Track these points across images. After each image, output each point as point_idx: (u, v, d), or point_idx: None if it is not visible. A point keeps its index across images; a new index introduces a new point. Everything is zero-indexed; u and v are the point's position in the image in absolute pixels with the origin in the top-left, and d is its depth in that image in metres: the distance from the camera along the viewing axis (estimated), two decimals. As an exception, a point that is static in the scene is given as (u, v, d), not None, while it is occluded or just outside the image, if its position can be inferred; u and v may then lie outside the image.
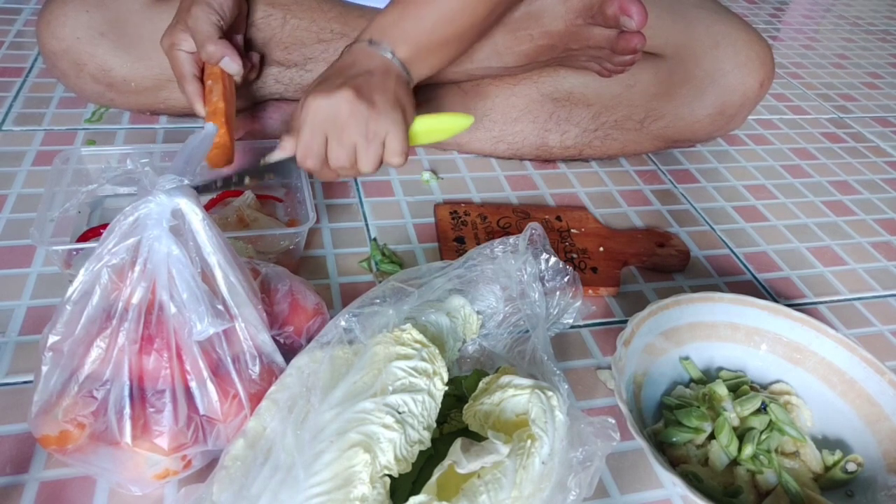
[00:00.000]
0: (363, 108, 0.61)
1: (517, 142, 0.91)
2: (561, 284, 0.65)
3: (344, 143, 0.63)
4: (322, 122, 0.62)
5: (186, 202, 0.45)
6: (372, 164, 0.64)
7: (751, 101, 0.86)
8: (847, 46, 1.59)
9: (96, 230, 0.71)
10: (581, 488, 0.44)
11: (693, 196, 0.95)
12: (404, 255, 0.77)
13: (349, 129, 0.62)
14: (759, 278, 0.82)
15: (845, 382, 0.62)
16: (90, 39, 0.80)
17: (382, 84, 0.63)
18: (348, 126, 0.62)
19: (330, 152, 0.64)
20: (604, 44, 0.76)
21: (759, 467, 0.56)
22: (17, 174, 0.81)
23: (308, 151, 0.64)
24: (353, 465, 0.41)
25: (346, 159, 0.64)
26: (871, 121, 1.25)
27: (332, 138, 0.63)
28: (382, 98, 0.62)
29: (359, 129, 0.62)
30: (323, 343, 0.51)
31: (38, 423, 0.47)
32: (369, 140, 0.63)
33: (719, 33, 0.84)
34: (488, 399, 0.48)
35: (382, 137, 0.63)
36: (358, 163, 0.65)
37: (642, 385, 0.60)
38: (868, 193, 1.02)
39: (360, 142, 0.63)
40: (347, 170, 0.65)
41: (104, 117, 0.93)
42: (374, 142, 0.63)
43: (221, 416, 0.48)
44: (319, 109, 0.62)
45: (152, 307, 0.46)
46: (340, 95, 0.61)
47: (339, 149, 0.63)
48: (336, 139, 0.63)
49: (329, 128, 0.63)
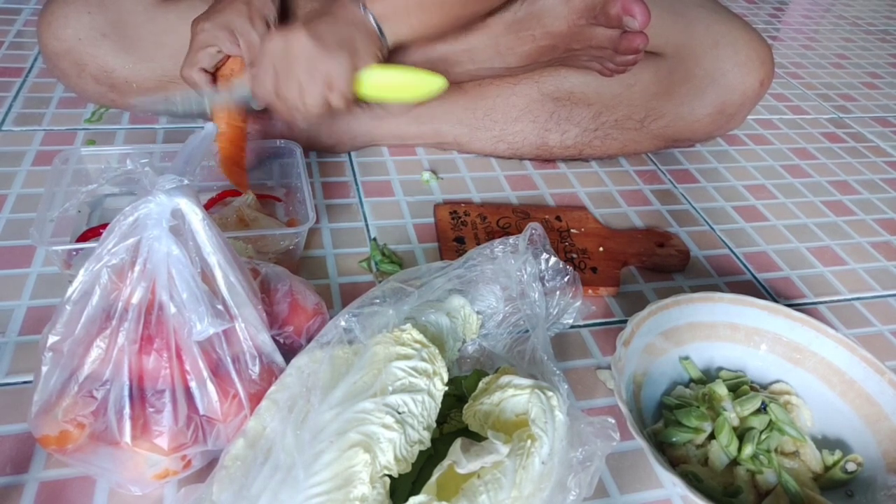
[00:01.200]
0: (310, 45, 0.64)
1: (517, 141, 0.92)
2: (561, 284, 0.65)
3: (290, 78, 0.66)
4: (273, 56, 0.66)
5: (186, 202, 0.45)
6: (315, 101, 0.67)
7: (750, 100, 0.86)
8: (847, 46, 1.59)
9: (96, 230, 0.71)
10: (581, 488, 0.44)
11: (693, 196, 0.95)
12: (404, 255, 0.77)
13: (295, 65, 0.65)
14: (758, 278, 0.82)
15: (845, 382, 0.62)
16: (92, 40, 0.80)
17: (341, 30, 0.66)
18: (294, 62, 0.65)
19: (278, 86, 0.67)
20: (606, 44, 0.76)
21: (759, 467, 0.56)
22: (17, 174, 0.81)
23: (258, 81, 0.67)
24: (353, 465, 0.41)
25: (292, 95, 0.67)
26: (871, 121, 1.25)
27: (281, 73, 0.66)
28: (334, 40, 0.65)
29: (303, 66, 0.65)
30: (323, 343, 0.51)
31: (37, 423, 0.47)
32: (313, 77, 0.65)
33: (719, 33, 0.84)
34: (488, 399, 0.48)
35: (325, 76, 0.65)
36: (303, 98, 0.67)
37: (642, 385, 0.60)
38: (868, 193, 1.02)
39: (304, 78, 0.66)
40: (298, 109, 0.68)
41: (104, 117, 0.93)
42: (316, 79, 0.66)
43: (221, 416, 0.48)
44: (275, 45, 0.66)
45: (152, 307, 0.46)
46: (293, 34, 0.65)
47: (286, 83, 0.66)
48: (284, 73, 0.66)
49: (279, 62, 0.66)
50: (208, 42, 0.70)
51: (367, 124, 0.90)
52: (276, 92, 0.67)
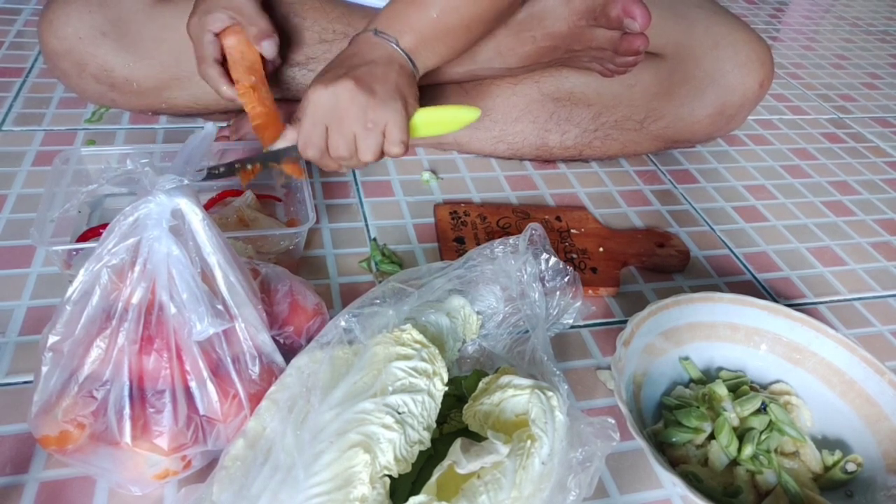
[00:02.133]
0: (363, 97, 0.62)
1: (517, 142, 0.92)
2: (561, 285, 0.65)
3: (343, 133, 0.64)
4: (322, 112, 0.63)
5: (186, 202, 0.45)
6: (371, 153, 0.65)
7: (750, 101, 0.86)
8: (846, 47, 1.59)
9: (96, 230, 0.71)
10: (581, 488, 0.44)
11: (693, 196, 0.95)
12: (404, 255, 0.77)
13: (348, 118, 0.63)
14: (758, 278, 0.82)
15: (845, 382, 0.62)
16: (92, 39, 0.80)
17: (384, 74, 0.64)
18: (347, 115, 0.63)
19: (330, 142, 0.65)
20: (606, 45, 0.76)
21: (759, 467, 0.56)
22: (17, 174, 0.81)
23: (309, 141, 0.65)
24: (353, 465, 0.41)
25: (346, 149, 0.65)
26: (871, 121, 1.25)
27: (332, 128, 0.64)
28: (383, 88, 0.63)
29: (358, 119, 0.63)
30: (323, 343, 0.51)
31: (37, 423, 0.47)
32: (368, 129, 0.63)
33: (719, 34, 0.84)
34: (488, 399, 0.48)
35: (382, 127, 0.64)
36: (358, 152, 0.65)
37: (642, 385, 0.60)
38: (868, 194, 1.02)
39: (360, 131, 0.64)
40: (348, 160, 0.66)
41: (104, 117, 0.93)
42: (373, 131, 0.64)
43: (221, 417, 0.48)
44: (320, 99, 0.63)
45: (152, 307, 0.46)
46: (341, 85, 0.62)
47: (339, 138, 0.64)
48: (336, 129, 0.64)
49: (329, 118, 0.63)
50: (202, 30, 0.70)
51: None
52: (327, 148, 0.65)
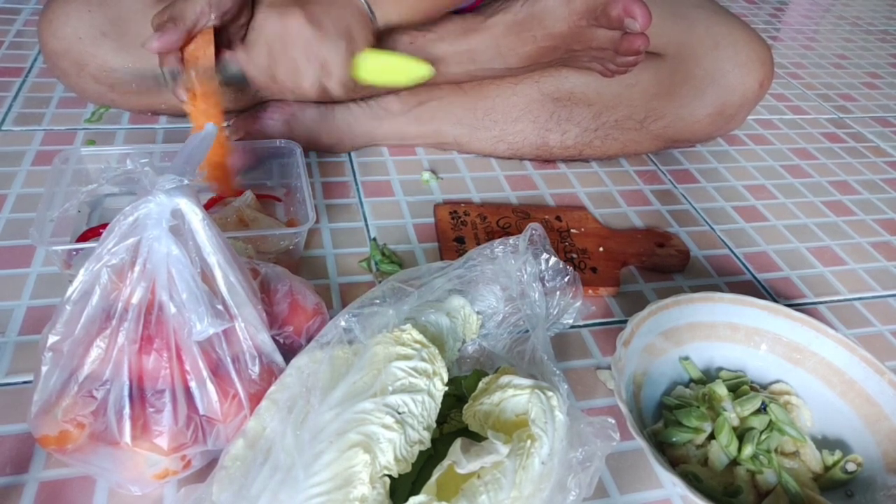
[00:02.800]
0: (308, 29, 0.64)
1: (517, 141, 0.91)
2: (561, 284, 0.65)
3: (286, 60, 0.66)
4: (268, 36, 0.66)
5: (186, 202, 0.45)
6: (310, 83, 0.67)
7: (750, 101, 0.86)
8: (846, 46, 1.59)
9: (96, 230, 0.71)
10: (581, 488, 0.44)
11: (693, 196, 0.95)
12: (404, 255, 0.77)
13: (291, 46, 0.65)
14: (758, 278, 0.82)
15: (845, 382, 0.62)
16: (92, 39, 0.80)
17: (336, 12, 0.66)
18: (291, 43, 0.65)
19: (272, 65, 0.67)
20: (607, 45, 0.76)
21: (759, 467, 0.56)
22: (17, 174, 0.81)
23: (252, 60, 0.67)
24: (353, 465, 0.41)
25: (287, 75, 0.67)
26: (871, 121, 1.25)
27: (276, 53, 0.66)
28: (331, 24, 0.65)
29: (300, 48, 0.65)
30: (323, 343, 0.51)
31: (37, 423, 0.47)
32: (309, 60, 0.66)
33: (719, 34, 0.84)
34: (488, 399, 0.48)
35: (322, 60, 0.66)
36: (297, 80, 0.67)
37: (642, 385, 0.60)
38: (868, 193, 1.02)
39: (301, 60, 0.66)
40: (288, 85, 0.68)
41: (104, 117, 0.93)
42: (313, 62, 0.66)
43: (221, 416, 0.48)
44: (268, 24, 0.66)
45: (152, 307, 0.46)
46: (290, 15, 0.65)
47: (281, 64, 0.67)
48: (279, 54, 0.66)
49: (274, 42, 0.66)
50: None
51: (367, 124, 0.90)
52: (270, 72, 0.68)
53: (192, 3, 0.68)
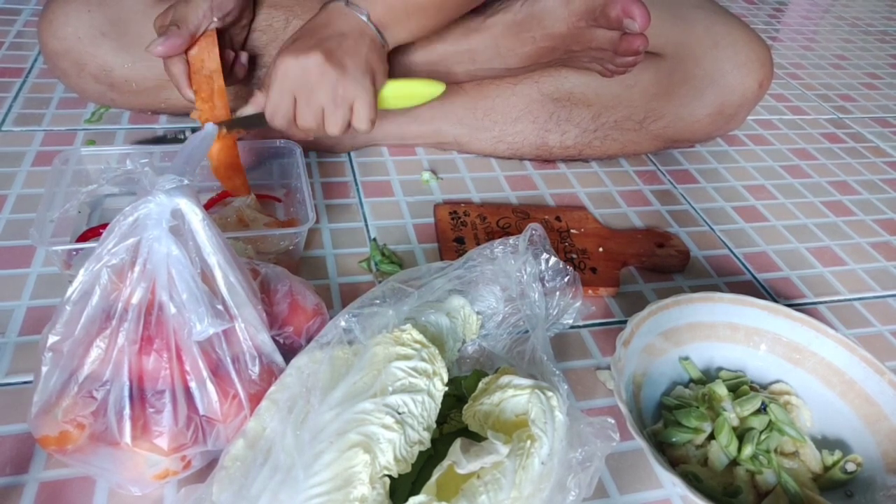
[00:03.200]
0: (332, 72, 0.63)
1: (517, 142, 0.92)
2: (561, 285, 0.65)
3: (312, 106, 0.65)
4: (291, 83, 0.64)
5: (186, 202, 0.45)
6: (339, 127, 0.66)
7: (750, 101, 0.86)
8: (846, 47, 1.59)
9: (96, 230, 0.71)
10: (580, 488, 0.44)
11: (692, 196, 0.95)
12: (404, 255, 0.77)
13: (317, 92, 0.64)
14: (758, 278, 0.82)
15: (845, 382, 0.62)
16: (92, 39, 0.80)
17: (354, 48, 0.64)
18: (317, 89, 0.64)
19: (298, 113, 0.66)
20: (606, 45, 0.76)
21: (759, 467, 0.56)
22: (17, 174, 0.81)
23: (276, 110, 0.66)
24: (353, 465, 0.41)
25: (314, 121, 0.66)
26: (870, 121, 1.25)
27: (301, 100, 0.65)
28: (353, 63, 0.64)
29: (327, 93, 0.64)
30: (323, 343, 0.51)
31: (37, 423, 0.47)
32: (337, 104, 0.65)
33: (719, 34, 0.84)
34: (488, 399, 0.48)
35: (350, 102, 0.65)
36: (325, 125, 0.66)
37: (642, 385, 0.60)
38: (867, 194, 1.02)
39: (328, 105, 0.65)
40: (315, 131, 0.67)
41: (104, 117, 0.93)
42: (341, 106, 0.65)
43: (221, 417, 0.48)
44: (289, 70, 0.63)
45: (152, 307, 0.46)
46: (311, 58, 0.62)
47: (307, 110, 0.65)
48: (304, 101, 0.65)
49: (298, 89, 0.64)
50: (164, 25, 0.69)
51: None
52: (292, 117, 0.66)
53: (194, 7, 0.68)
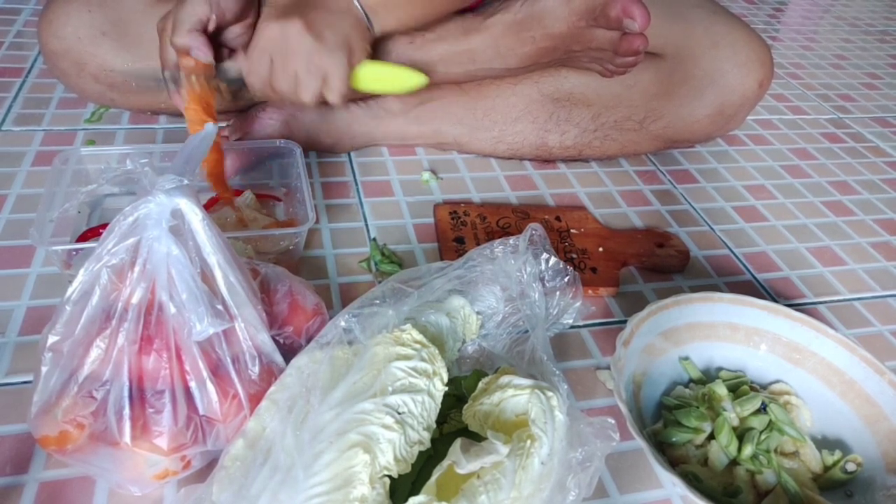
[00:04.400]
0: (310, 40, 0.65)
1: (517, 142, 0.92)
2: (561, 285, 0.65)
3: (286, 70, 0.67)
4: (270, 45, 0.66)
5: (186, 202, 0.45)
6: (310, 95, 0.68)
7: (750, 101, 0.86)
8: (846, 47, 1.59)
9: (96, 230, 0.71)
10: (580, 488, 0.44)
11: (692, 196, 0.95)
12: (404, 255, 0.77)
13: (293, 57, 0.66)
14: (758, 278, 0.82)
15: (845, 382, 0.62)
16: (92, 39, 0.80)
17: (336, 22, 0.67)
18: (292, 54, 0.66)
19: (273, 76, 0.68)
20: (606, 45, 0.76)
21: (759, 467, 0.56)
22: (17, 174, 0.81)
23: (253, 69, 0.68)
24: (353, 465, 0.41)
25: (287, 85, 0.68)
26: (870, 121, 1.25)
27: (277, 63, 0.67)
28: (332, 35, 0.66)
29: (301, 60, 0.66)
30: (323, 343, 0.51)
31: (37, 423, 0.47)
32: (310, 72, 0.67)
33: (718, 33, 0.84)
34: (488, 399, 0.48)
35: (324, 73, 0.67)
36: (298, 91, 0.68)
37: (642, 385, 0.60)
38: (867, 194, 1.02)
39: (302, 72, 0.67)
40: (289, 96, 0.69)
41: (104, 117, 0.93)
42: (314, 75, 0.67)
43: (221, 417, 0.48)
44: (270, 33, 0.66)
45: (152, 307, 0.46)
46: (291, 24, 0.65)
47: (282, 74, 0.67)
48: (280, 64, 0.67)
49: (275, 52, 0.66)
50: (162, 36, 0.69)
51: (367, 124, 0.90)
52: (270, 81, 0.68)
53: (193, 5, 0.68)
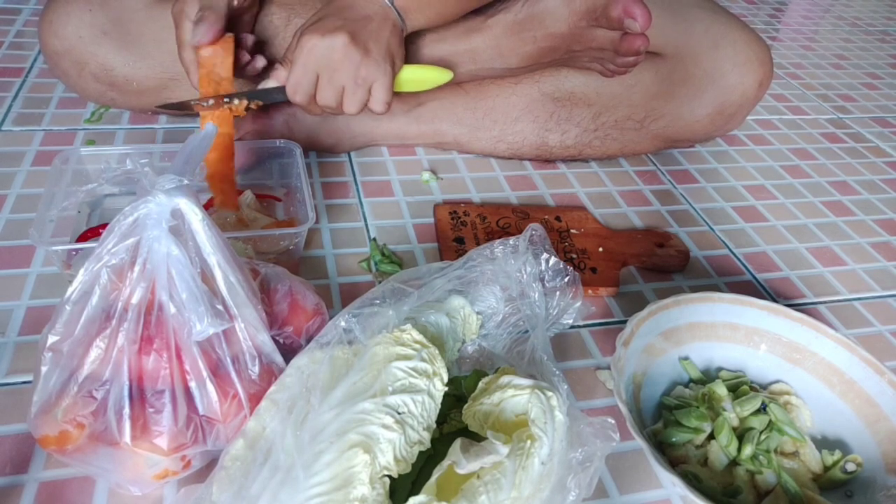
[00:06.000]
0: (357, 54, 0.65)
1: (517, 142, 0.92)
2: (561, 285, 0.65)
3: (333, 85, 0.67)
4: (315, 61, 0.66)
5: (186, 202, 0.45)
6: (357, 107, 0.69)
7: (750, 101, 0.86)
8: (846, 47, 1.59)
9: (96, 230, 0.71)
10: (580, 489, 0.44)
11: (692, 196, 0.95)
12: (404, 255, 0.77)
13: (340, 72, 0.66)
14: (758, 278, 0.82)
15: (845, 383, 0.62)
16: (92, 38, 0.80)
17: (378, 32, 0.67)
18: (340, 69, 0.66)
19: (319, 91, 0.68)
20: (607, 45, 0.76)
21: (759, 467, 0.56)
22: (17, 174, 0.81)
23: (298, 86, 0.68)
24: (353, 465, 0.41)
25: (333, 100, 0.68)
26: (870, 121, 1.25)
27: (323, 78, 0.67)
28: (376, 46, 0.67)
29: (349, 74, 0.66)
30: (323, 343, 0.51)
31: (37, 423, 0.47)
32: (358, 85, 0.67)
33: (718, 33, 0.84)
34: (488, 399, 0.48)
35: (370, 84, 0.68)
36: (343, 105, 0.69)
37: (642, 385, 0.60)
38: (867, 194, 1.02)
39: (349, 85, 0.67)
40: (333, 109, 0.70)
41: (104, 117, 0.93)
42: (361, 87, 0.68)
43: (221, 417, 0.48)
44: (315, 48, 0.66)
45: (152, 307, 0.46)
46: (336, 38, 0.65)
47: (329, 89, 0.68)
48: (327, 79, 0.67)
49: (321, 68, 0.66)
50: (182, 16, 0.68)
51: (367, 124, 0.90)
52: (313, 94, 0.69)
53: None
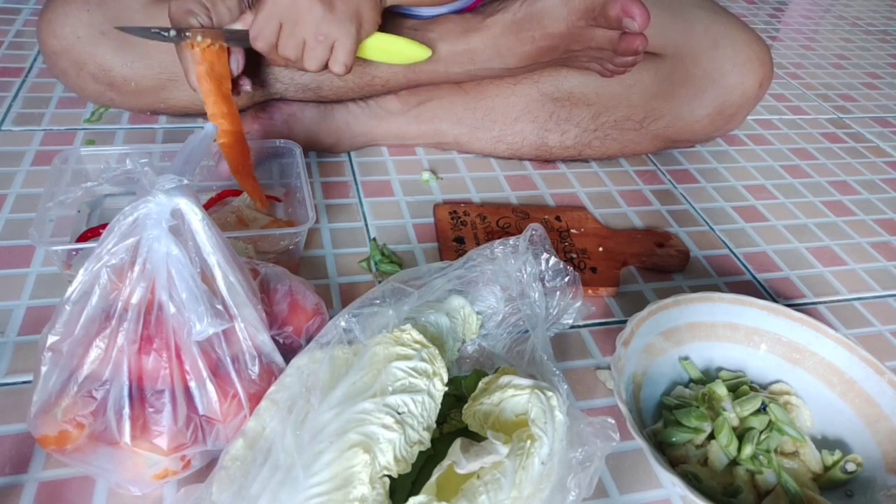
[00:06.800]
0: (320, 9, 0.65)
1: (517, 142, 0.92)
2: (561, 284, 0.65)
3: (294, 37, 0.67)
4: (280, 10, 0.66)
5: (186, 202, 0.45)
6: (315, 64, 0.68)
7: (750, 101, 0.86)
8: (846, 47, 1.59)
9: (96, 230, 0.71)
10: (580, 488, 0.44)
11: (692, 196, 0.95)
12: (404, 255, 0.77)
13: (302, 24, 0.66)
14: (758, 278, 0.82)
15: (845, 382, 0.62)
16: (91, 38, 0.80)
17: None
18: (302, 21, 0.65)
19: (280, 40, 0.67)
20: (605, 45, 0.76)
21: (759, 467, 0.56)
22: (17, 174, 0.81)
23: (260, 32, 0.67)
24: (353, 465, 0.41)
25: (293, 52, 0.68)
26: (871, 121, 1.25)
27: (286, 29, 0.66)
28: (343, 6, 0.66)
29: (310, 28, 0.66)
30: (322, 343, 0.51)
31: (37, 423, 0.47)
32: (318, 41, 0.66)
33: (718, 33, 0.84)
34: (488, 399, 0.48)
35: (331, 42, 0.67)
36: (304, 60, 0.68)
37: (642, 385, 0.60)
38: (867, 194, 1.02)
39: (310, 40, 0.66)
40: (294, 62, 0.69)
41: (103, 117, 0.93)
42: (322, 44, 0.67)
43: (221, 417, 0.48)
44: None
45: (151, 307, 0.46)
46: None
47: (290, 40, 0.67)
48: (288, 31, 0.66)
49: (284, 17, 0.66)
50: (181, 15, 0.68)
51: (367, 124, 0.90)
52: (276, 45, 0.68)
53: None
